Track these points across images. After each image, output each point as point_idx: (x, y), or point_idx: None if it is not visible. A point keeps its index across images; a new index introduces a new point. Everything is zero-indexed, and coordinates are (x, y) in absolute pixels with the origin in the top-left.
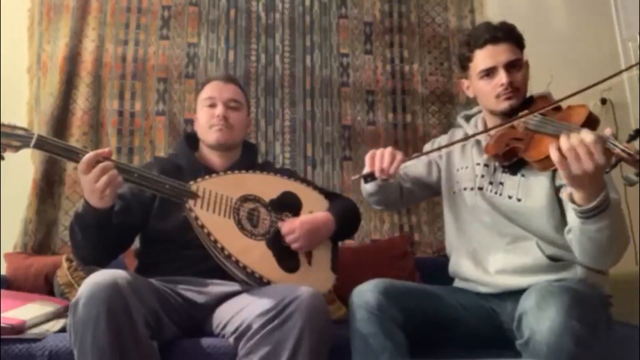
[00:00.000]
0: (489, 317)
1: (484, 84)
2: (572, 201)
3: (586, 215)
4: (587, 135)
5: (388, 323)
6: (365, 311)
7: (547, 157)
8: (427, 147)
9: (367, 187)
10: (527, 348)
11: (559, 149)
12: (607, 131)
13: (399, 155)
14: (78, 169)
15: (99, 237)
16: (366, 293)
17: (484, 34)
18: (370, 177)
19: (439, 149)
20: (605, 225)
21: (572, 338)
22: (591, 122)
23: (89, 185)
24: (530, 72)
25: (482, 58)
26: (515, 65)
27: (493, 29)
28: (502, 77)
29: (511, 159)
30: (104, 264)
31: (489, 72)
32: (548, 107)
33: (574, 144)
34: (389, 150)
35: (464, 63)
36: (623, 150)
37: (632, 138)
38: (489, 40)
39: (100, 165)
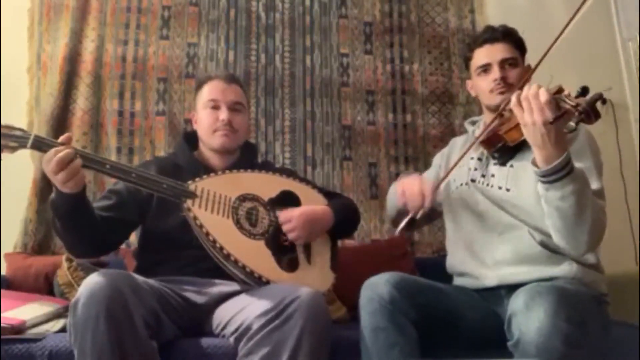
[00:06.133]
0: (491, 316)
1: (480, 80)
2: (535, 165)
3: (548, 179)
4: (542, 94)
5: (400, 318)
6: (378, 304)
7: (515, 127)
8: (436, 158)
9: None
10: (518, 349)
11: (518, 96)
12: (565, 92)
13: (427, 186)
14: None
15: (76, 225)
16: (379, 286)
17: (483, 34)
18: (412, 221)
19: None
20: (569, 192)
21: (560, 338)
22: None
23: (51, 177)
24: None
25: (480, 56)
26: (511, 63)
27: (492, 30)
28: (495, 72)
29: (496, 144)
30: (94, 256)
31: (485, 69)
32: (523, 81)
33: (529, 97)
34: (415, 188)
35: (466, 62)
36: (571, 105)
37: (580, 95)
38: (487, 39)
39: (57, 157)
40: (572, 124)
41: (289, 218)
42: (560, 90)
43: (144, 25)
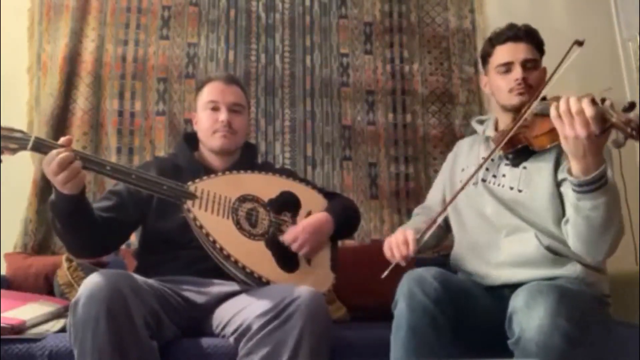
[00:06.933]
0: (497, 314)
1: (500, 78)
2: (570, 174)
3: (583, 189)
4: (587, 107)
5: (440, 320)
6: (421, 301)
7: (545, 134)
8: (444, 166)
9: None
10: (518, 347)
11: (558, 109)
12: (607, 103)
13: (410, 236)
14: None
15: (76, 225)
16: (425, 281)
17: (507, 31)
18: (398, 266)
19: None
20: (601, 203)
21: (561, 336)
22: None
23: (51, 178)
24: None
25: (501, 53)
26: (532, 65)
27: (516, 29)
28: (517, 72)
29: (516, 145)
30: (95, 257)
31: (506, 67)
32: (545, 87)
33: (573, 111)
34: (400, 237)
35: (485, 58)
36: (621, 121)
37: (627, 110)
38: (510, 37)
39: (57, 159)
40: (621, 140)
41: (295, 237)
42: (602, 100)
43: (144, 25)
